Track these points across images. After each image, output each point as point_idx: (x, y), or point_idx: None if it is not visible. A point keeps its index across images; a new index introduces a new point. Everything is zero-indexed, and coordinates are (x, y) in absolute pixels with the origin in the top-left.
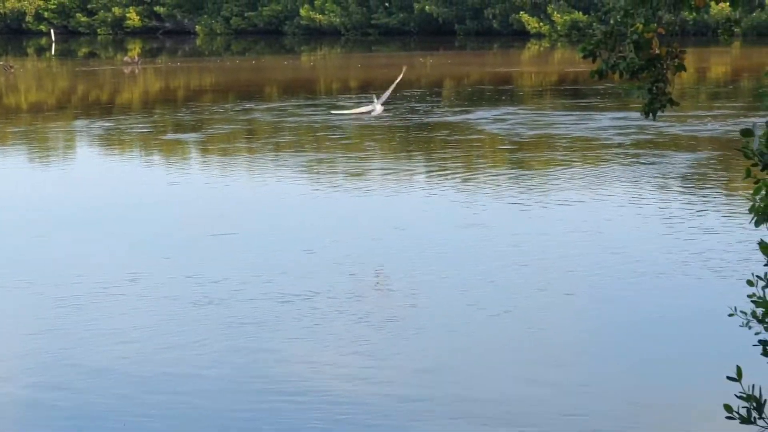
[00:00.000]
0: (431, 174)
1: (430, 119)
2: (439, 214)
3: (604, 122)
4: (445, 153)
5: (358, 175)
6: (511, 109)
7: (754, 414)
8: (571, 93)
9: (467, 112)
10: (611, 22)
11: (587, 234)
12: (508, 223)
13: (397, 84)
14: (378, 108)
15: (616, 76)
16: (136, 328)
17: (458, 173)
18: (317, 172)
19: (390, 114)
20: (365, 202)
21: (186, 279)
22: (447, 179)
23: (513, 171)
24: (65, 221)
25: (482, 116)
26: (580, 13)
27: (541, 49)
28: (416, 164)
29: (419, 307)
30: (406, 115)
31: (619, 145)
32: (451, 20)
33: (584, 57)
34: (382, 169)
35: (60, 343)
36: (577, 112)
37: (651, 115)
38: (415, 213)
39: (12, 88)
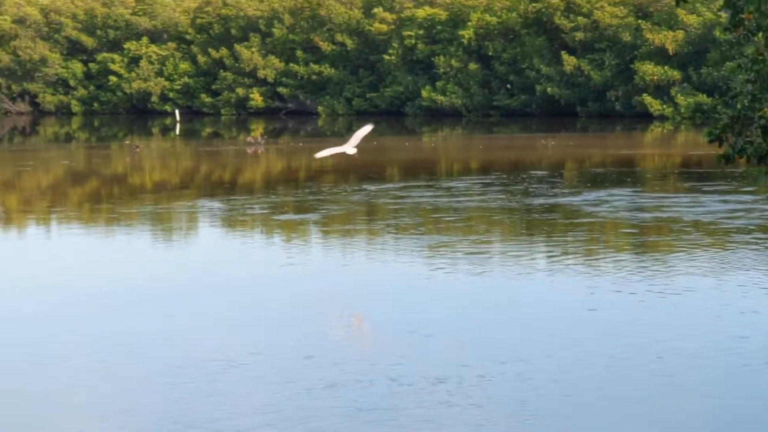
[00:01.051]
0: (552, 257)
1: (550, 201)
2: (559, 298)
3: (729, 206)
4: (565, 236)
5: (477, 256)
6: (633, 191)
7: None
8: (695, 176)
9: (588, 194)
10: (738, 106)
11: (709, 320)
12: (629, 309)
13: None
14: (352, 150)
15: (743, 160)
16: (257, 409)
17: (579, 256)
18: (437, 254)
19: (507, 195)
20: (484, 284)
21: (306, 359)
22: (567, 263)
23: (635, 255)
24: (187, 299)
25: (603, 198)
26: (705, 95)
27: (665, 131)
28: (536, 247)
29: (545, 393)
30: (526, 196)
31: (745, 230)
32: (573, 102)
33: (710, 141)
34: (501, 252)
35: (193, 416)
36: (701, 196)
37: None
38: (534, 297)
39: (137, 167)
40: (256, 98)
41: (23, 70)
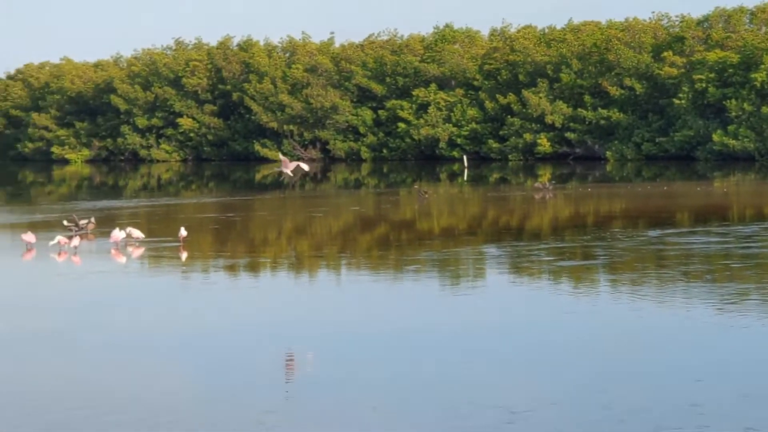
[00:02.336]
0: None
1: None
2: None
3: None
4: None
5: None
6: None
7: None
8: None
9: None
10: None
11: None
12: None
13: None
14: (288, 172)
15: None
16: None
17: None
18: (729, 303)
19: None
20: None
21: (604, 409)
22: None
23: None
24: (470, 342)
25: None
26: None
27: None
28: None
29: None
30: None
31: None
32: None
33: None
34: None
35: None
36: None
37: None
38: None
39: (425, 213)
40: (544, 143)
41: (315, 117)
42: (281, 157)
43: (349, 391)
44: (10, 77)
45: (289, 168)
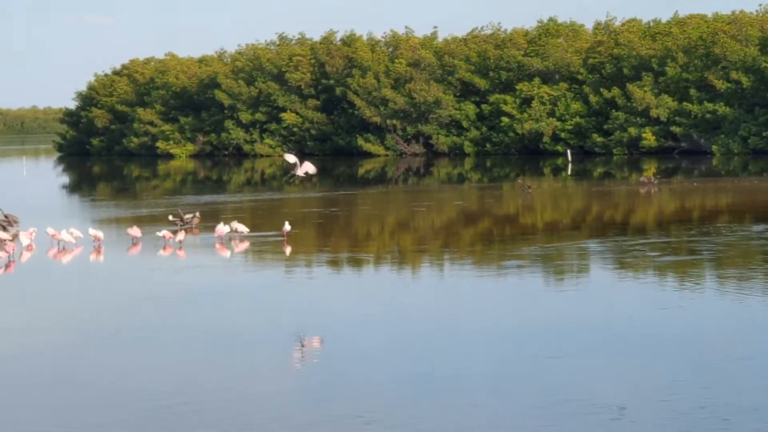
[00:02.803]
0: None
1: None
2: None
3: None
4: None
5: None
6: None
7: None
8: None
9: None
10: None
11: None
12: None
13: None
14: (299, 173)
15: None
16: None
17: None
18: None
19: None
20: None
21: (700, 409)
22: None
23: None
24: (578, 340)
25: None
26: None
27: None
28: None
29: None
30: None
31: None
32: None
33: None
34: None
35: None
36: None
37: None
38: None
39: (528, 208)
40: (649, 138)
41: (418, 112)
42: (286, 156)
43: (460, 384)
44: (116, 73)
45: (300, 170)
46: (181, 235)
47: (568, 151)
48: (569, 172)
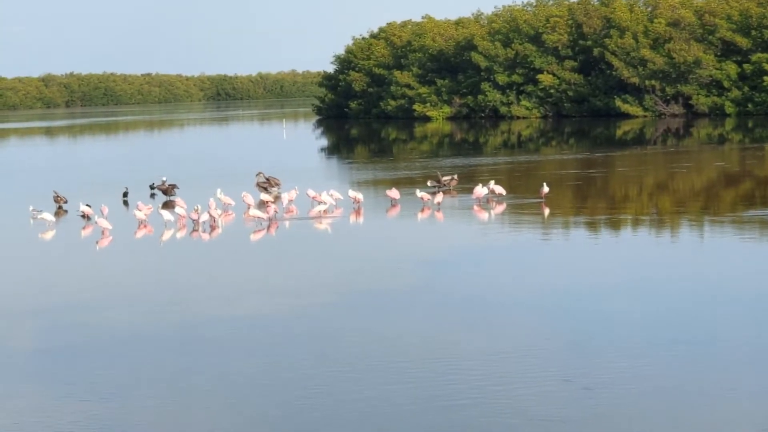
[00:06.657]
0: None
1: None
2: None
3: None
4: None
5: None
6: None
7: None
8: None
9: None
10: None
11: None
12: None
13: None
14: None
15: None
16: None
17: None
18: None
19: None
20: None
21: None
22: None
23: None
24: None
25: None
26: None
27: None
28: None
29: None
30: None
31: None
32: None
33: None
34: None
35: None
36: None
37: None
38: None
39: None
40: None
41: (677, 72)
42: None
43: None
44: (373, 36)
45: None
46: (439, 197)
47: None
48: None
